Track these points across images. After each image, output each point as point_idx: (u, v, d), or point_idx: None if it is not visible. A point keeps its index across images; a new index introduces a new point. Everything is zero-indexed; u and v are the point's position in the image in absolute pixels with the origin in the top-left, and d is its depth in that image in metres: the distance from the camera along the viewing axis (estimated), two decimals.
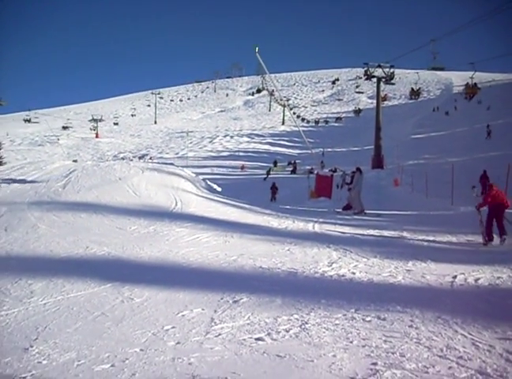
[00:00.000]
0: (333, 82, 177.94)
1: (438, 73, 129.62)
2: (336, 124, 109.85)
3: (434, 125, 73.29)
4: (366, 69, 54.55)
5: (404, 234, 14.18)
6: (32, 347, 5.41)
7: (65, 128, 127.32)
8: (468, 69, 72.74)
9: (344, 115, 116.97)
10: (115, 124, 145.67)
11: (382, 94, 55.27)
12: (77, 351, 5.24)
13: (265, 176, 47.31)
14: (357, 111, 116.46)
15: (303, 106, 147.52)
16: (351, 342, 5.40)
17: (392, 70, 53.01)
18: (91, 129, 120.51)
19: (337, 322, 6.09)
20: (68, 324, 6.20)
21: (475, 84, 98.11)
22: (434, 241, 13.10)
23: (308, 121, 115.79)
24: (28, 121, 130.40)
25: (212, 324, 6.10)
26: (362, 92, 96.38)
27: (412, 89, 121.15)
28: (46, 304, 7.11)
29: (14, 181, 21.75)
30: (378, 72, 53.51)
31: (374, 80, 54.11)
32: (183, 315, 6.49)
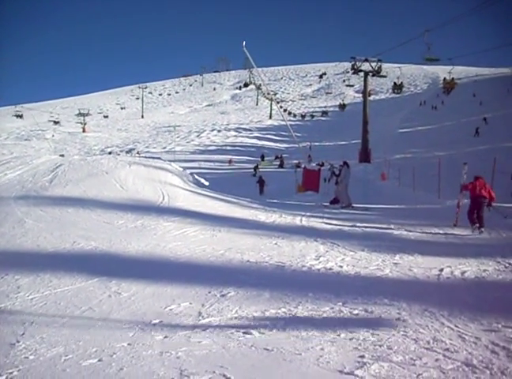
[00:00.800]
0: (321, 76, 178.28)
1: (425, 67, 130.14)
2: (323, 118, 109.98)
3: (421, 119, 73.58)
4: (353, 63, 54.56)
5: (392, 227, 14.24)
6: (18, 342, 5.39)
7: (56, 122, 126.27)
8: (454, 63, 72.91)
9: (331, 109, 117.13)
10: (105, 116, 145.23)
11: (368, 88, 55.14)
12: (65, 346, 5.22)
13: (254, 172, 46.85)
14: (342, 106, 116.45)
15: (291, 100, 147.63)
16: (338, 335, 5.42)
17: (379, 64, 52.99)
18: (81, 123, 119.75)
19: (325, 315, 6.12)
20: (55, 319, 6.17)
21: (452, 78, 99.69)
22: (421, 234, 13.17)
23: (295, 116, 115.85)
24: (20, 116, 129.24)
25: (200, 317, 6.11)
26: (352, 85, 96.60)
27: (395, 83, 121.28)
28: (33, 299, 7.07)
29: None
30: (366, 66, 53.52)
31: (362, 74, 54.15)
32: (171, 309, 6.49)
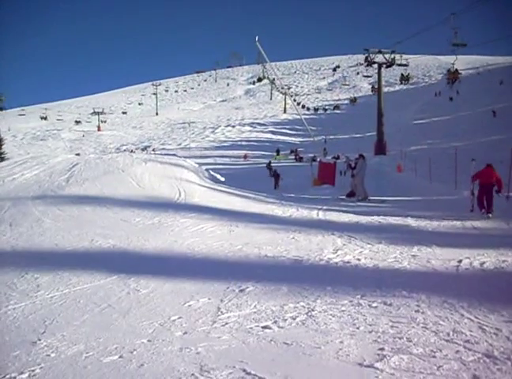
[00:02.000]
0: (334, 69, 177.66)
1: (440, 57, 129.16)
2: (338, 111, 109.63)
3: (437, 110, 73.20)
4: (366, 55, 54.32)
5: (409, 219, 14.18)
6: (40, 340, 5.43)
7: (77, 122, 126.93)
8: (467, 52, 72.57)
9: (346, 102, 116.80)
10: (124, 113, 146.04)
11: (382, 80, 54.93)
12: (85, 343, 5.26)
13: (269, 172, 44.96)
14: (353, 100, 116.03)
15: (305, 94, 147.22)
16: (357, 328, 5.40)
17: (393, 56, 52.72)
18: (102, 121, 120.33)
19: (343, 309, 6.10)
20: (75, 317, 6.22)
21: (456, 69, 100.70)
22: (438, 226, 13.10)
23: (308, 109, 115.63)
24: (45, 118, 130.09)
25: (219, 313, 6.12)
26: (370, 76, 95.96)
27: (402, 75, 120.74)
28: (52, 297, 7.13)
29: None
30: (379, 58, 53.25)
31: (375, 66, 53.90)
32: (190, 305, 6.50)
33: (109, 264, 9.23)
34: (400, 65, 56.00)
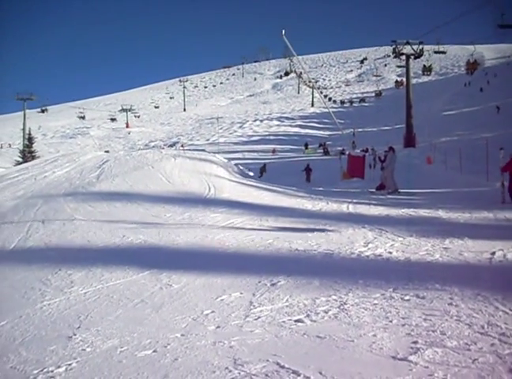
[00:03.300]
0: (361, 61, 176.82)
1: (469, 47, 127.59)
2: (365, 104, 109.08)
3: (466, 100, 72.45)
4: (394, 46, 53.94)
5: (440, 211, 14.04)
6: (75, 335, 5.50)
7: (113, 120, 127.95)
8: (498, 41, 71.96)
9: (372, 95, 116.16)
10: (156, 107, 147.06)
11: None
12: (120, 338, 5.31)
13: (260, 175, 39.43)
14: (378, 94, 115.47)
15: (332, 87, 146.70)
16: (390, 321, 5.37)
17: (421, 46, 52.25)
18: (135, 116, 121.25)
19: (376, 302, 6.06)
20: (109, 312, 6.28)
21: (475, 60, 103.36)
22: (470, 217, 12.95)
23: (335, 101, 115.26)
24: (83, 118, 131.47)
25: (251, 307, 6.13)
26: (403, 66, 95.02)
27: (424, 66, 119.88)
28: (86, 293, 7.21)
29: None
30: (407, 49, 52.83)
31: (403, 57, 53.49)
32: (222, 299, 6.52)
33: (141, 259, 9.31)
34: (437, 52, 55.58)
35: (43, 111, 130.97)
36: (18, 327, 5.94)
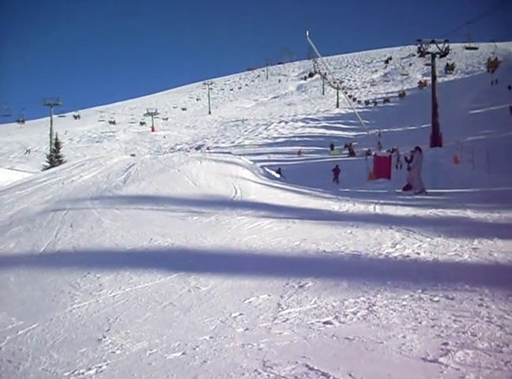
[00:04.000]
0: (386, 61, 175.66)
1: (496, 44, 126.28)
2: (391, 104, 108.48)
3: (494, 98, 71.51)
4: (419, 45, 53.58)
5: (468, 211, 13.89)
6: (104, 337, 5.56)
7: (142, 123, 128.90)
8: None
9: (396, 95, 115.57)
10: (183, 109, 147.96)
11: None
12: (149, 341, 5.34)
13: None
14: (401, 94, 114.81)
15: (358, 87, 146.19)
16: (420, 322, 5.32)
17: (446, 45, 51.81)
18: (164, 119, 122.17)
19: (405, 303, 6.02)
20: (138, 315, 6.32)
21: (496, 58, 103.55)
22: (499, 217, 12.79)
23: (360, 102, 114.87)
24: (113, 123, 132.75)
25: (280, 309, 6.12)
26: (430, 64, 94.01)
27: (447, 64, 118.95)
28: (115, 296, 7.27)
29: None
30: (433, 47, 52.45)
31: (428, 56, 53.13)
32: (250, 302, 6.53)
33: (169, 262, 9.35)
34: (468, 48, 55.16)
35: (75, 117, 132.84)
36: (49, 330, 6.02)
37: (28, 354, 5.28)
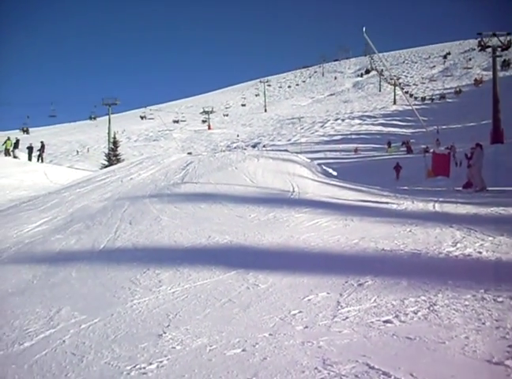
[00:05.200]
0: (444, 56, 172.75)
1: None
2: (449, 100, 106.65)
3: None
4: (479, 39, 52.42)
5: None
6: (165, 333, 5.63)
7: (176, 122, 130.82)
8: None
9: (453, 92, 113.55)
10: (243, 105, 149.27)
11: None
12: (208, 337, 5.38)
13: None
14: (458, 92, 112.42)
15: (415, 83, 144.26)
16: (483, 323, 5.20)
17: (509, 38, 50.52)
18: (203, 122, 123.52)
19: (467, 303, 5.90)
20: (197, 311, 6.38)
21: None
22: None
23: (416, 98, 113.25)
24: (177, 122, 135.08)
25: (339, 307, 6.08)
26: (500, 56, 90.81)
27: (504, 60, 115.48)
28: (174, 292, 7.35)
29: None
30: (494, 41, 51.25)
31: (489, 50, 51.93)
32: (309, 299, 6.50)
33: (227, 259, 9.39)
34: None
35: (141, 118, 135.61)
36: (110, 324, 6.14)
37: (90, 348, 5.41)
